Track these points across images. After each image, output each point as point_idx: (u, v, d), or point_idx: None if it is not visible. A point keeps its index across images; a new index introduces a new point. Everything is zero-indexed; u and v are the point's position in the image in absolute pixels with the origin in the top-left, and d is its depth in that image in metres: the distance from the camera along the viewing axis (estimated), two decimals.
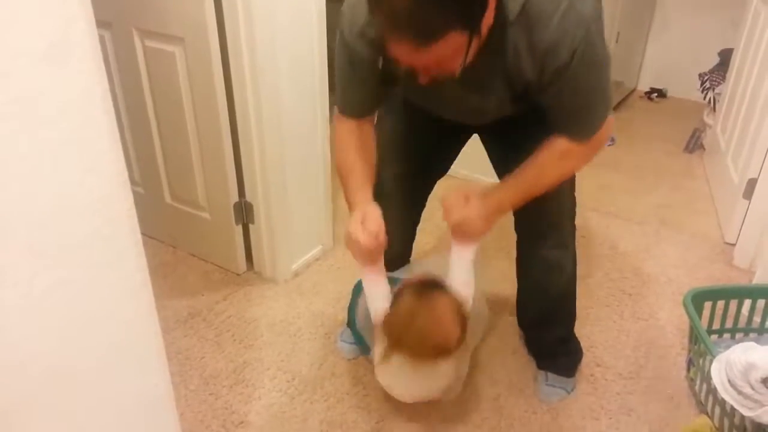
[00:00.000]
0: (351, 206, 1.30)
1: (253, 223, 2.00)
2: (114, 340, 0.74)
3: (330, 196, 2.14)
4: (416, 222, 1.65)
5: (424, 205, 1.62)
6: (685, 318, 1.83)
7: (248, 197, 1.96)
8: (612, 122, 1.20)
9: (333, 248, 2.21)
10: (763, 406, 1.29)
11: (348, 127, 1.32)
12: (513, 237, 1.54)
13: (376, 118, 1.39)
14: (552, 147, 1.20)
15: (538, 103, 1.15)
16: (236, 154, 1.90)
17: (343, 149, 1.32)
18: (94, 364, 0.72)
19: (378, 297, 1.35)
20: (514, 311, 1.75)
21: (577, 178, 1.48)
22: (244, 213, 1.99)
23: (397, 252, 1.65)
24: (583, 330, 1.81)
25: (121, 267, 0.73)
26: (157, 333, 0.78)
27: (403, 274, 1.59)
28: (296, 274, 2.09)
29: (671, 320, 1.93)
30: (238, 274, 2.08)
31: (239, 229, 2.02)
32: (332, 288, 2.01)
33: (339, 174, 1.35)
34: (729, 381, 1.32)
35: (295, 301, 1.97)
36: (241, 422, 1.54)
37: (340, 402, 1.62)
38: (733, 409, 1.38)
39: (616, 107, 3.57)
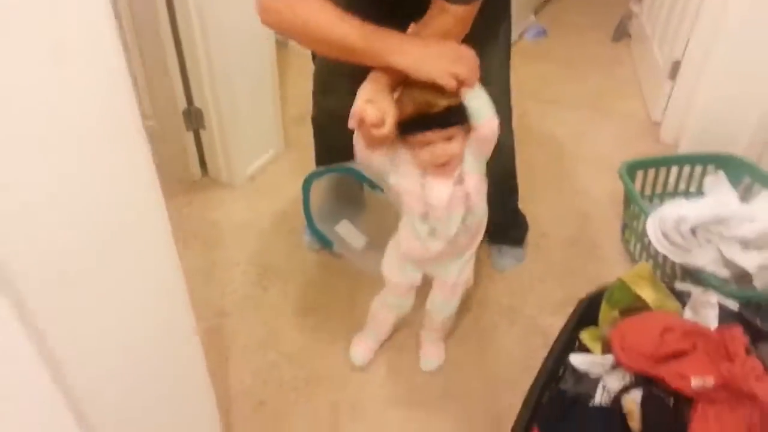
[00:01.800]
0: (372, 47, 1.11)
1: (204, 128, 1.99)
2: (119, 212, 0.77)
3: (278, 99, 2.15)
4: None
5: None
6: (619, 191, 2.00)
7: (197, 103, 1.95)
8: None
9: (285, 151, 2.24)
10: (690, 252, 1.48)
11: None
12: None
13: None
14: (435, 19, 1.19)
15: None
16: (181, 60, 1.87)
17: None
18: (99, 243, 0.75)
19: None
20: None
21: (514, 68, 1.55)
22: (193, 119, 1.98)
23: (347, 144, 1.70)
24: (527, 206, 1.94)
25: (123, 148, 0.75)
26: (159, 196, 0.82)
27: (357, 164, 1.65)
28: (252, 178, 2.12)
29: (606, 193, 2.10)
30: (194, 181, 2.09)
31: (190, 135, 2.01)
32: (291, 188, 2.05)
33: (325, 35, 1.11)
34: (662, 233, 1.49)
35: (256, 202, 2.02)
36: (221, 313, 1.62)
37: (311, 289, 1.72)
38: (665, 259, 1.57)
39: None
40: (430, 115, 1.12)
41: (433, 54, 1.09)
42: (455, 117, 1.13)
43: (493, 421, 1.41)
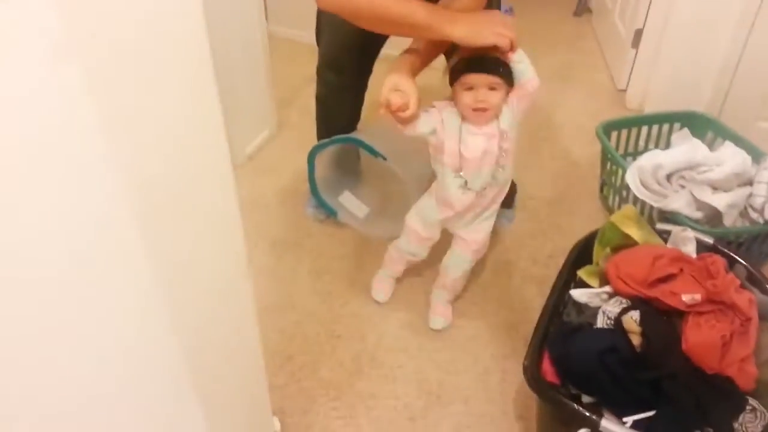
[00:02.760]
0: (434, 21, 1.24)
1: None
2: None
3: (271, 82, 2.24)
4: (365, 89, 1.80)
5: (371, 71, 1.76)
6: (593, 154, 2.17)
7: None
8: None
9: (279, 132, 2.34)
10: (667, 197, 1.64)
11: None
12: None
13: None
14: None
15: None
16: None
17: None
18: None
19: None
20: None
21: None
22: None
23: (350, 118, 1.83)
24: (514, 172, 2.09)
25: None
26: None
27: (359, 135, 1.77)
28: (251, 158, 2.21)
29: (582, 157, 2.26)
30: None
31: None
32: (290, 165, 2.16)
33: (391, 14, 1.24)
34: (641, 182, 1.66)
35: (257, 180, 2.11)
36: None
37: (322, 255, 1.83)
38: (642, 207, 1.73)
39: None
40: (481, 60, 1.25)
41: (483, 21, 1.25)
42: (502, 69, 1.28)
43: (499, 362, 1.56)
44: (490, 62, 1.27)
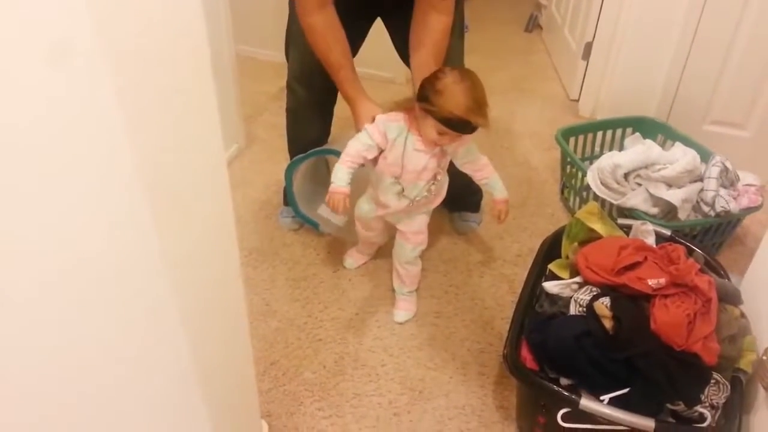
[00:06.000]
0: (350, 99, 1.54)
1: None
2: None
3: (239, 98, 2.27)
4: (334, 103, 1.86)
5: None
6: (552, 159, 2.28)
7: None
8: None
9: (248, 146, 2.37)
10: (625, 195, 1.74)
11: (315, 20, 1.45)
12: None
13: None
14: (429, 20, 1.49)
15: None
16: None
17: (321, 42, 1.49)
18: None
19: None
20: None
21: None
22: None
23: (321, 131, 1.87)
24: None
25: None
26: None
27: (333, 147, 1.82)
28: None
29: (542, 162, 2.37)
30: None
31: None
32: (260, 179, 2.19)
33: (328, 66, 1.52)
34: (601, 182, 1.75)
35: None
36: None
37: (298, 263, 1.86)
38: (603, 204, 1.83)
39: None
40: (463, 125, 1.38)
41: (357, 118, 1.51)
42: (473, 131, 1.42)
43: (476, 356, 1.61)
44: (468, 129, 1.41)
